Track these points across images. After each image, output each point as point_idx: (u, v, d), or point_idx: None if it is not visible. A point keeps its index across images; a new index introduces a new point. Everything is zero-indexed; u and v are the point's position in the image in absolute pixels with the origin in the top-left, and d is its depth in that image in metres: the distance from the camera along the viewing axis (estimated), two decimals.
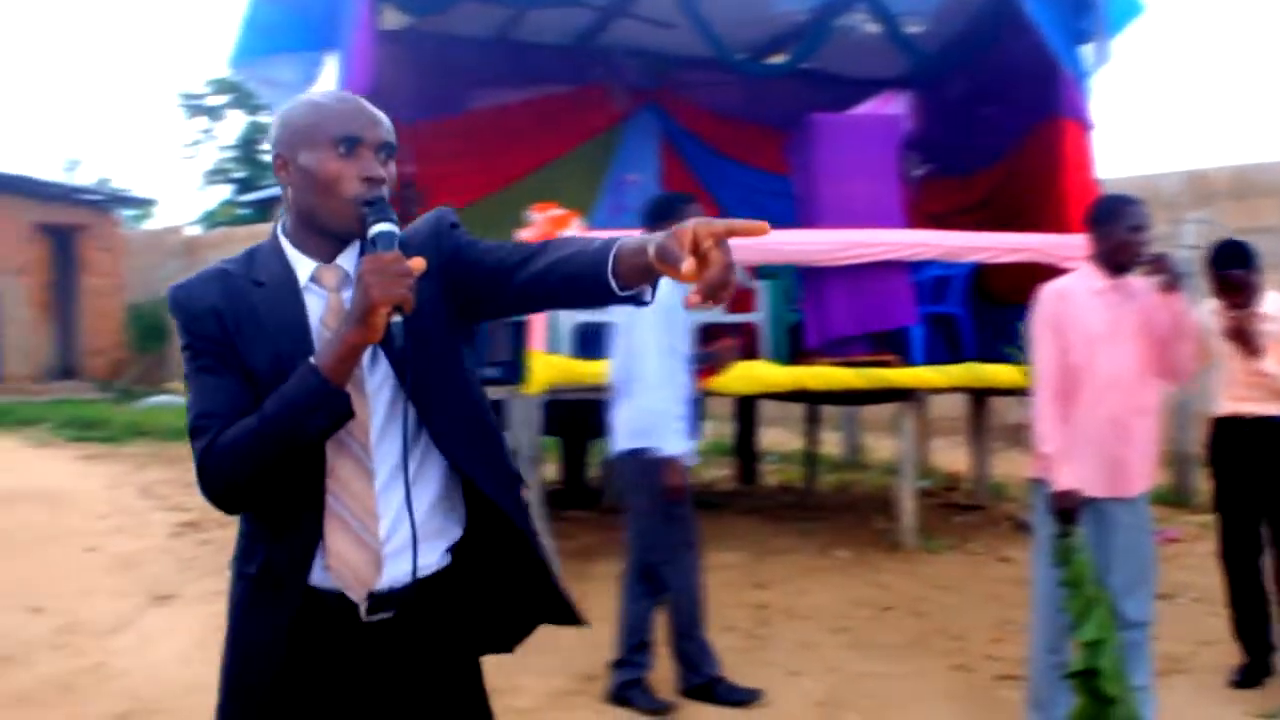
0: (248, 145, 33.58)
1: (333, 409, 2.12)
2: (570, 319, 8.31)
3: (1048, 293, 4.63)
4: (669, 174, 11.10)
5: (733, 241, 1.85)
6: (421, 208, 8.50)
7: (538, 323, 7.31)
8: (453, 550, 2.36)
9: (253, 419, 2.13)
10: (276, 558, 2.24)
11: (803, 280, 8.45)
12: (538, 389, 7.20)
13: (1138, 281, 4.54)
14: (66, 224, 22.10)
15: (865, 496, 10.45)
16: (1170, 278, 4.44)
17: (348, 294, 2.22)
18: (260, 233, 23.45)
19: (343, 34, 7.73)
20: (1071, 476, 4.43)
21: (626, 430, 5.25)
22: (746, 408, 10.98)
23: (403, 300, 2.05)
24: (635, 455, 5.20)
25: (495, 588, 2.41)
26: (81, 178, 32.06)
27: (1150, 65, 52.31)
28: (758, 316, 8.79)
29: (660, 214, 5.02)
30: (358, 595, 2.24)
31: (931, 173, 10.25)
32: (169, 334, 22.92)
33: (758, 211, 10.22)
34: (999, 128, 9.37)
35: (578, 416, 8.64)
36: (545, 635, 2.57)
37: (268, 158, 34.46)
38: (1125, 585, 4.57)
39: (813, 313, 8.32)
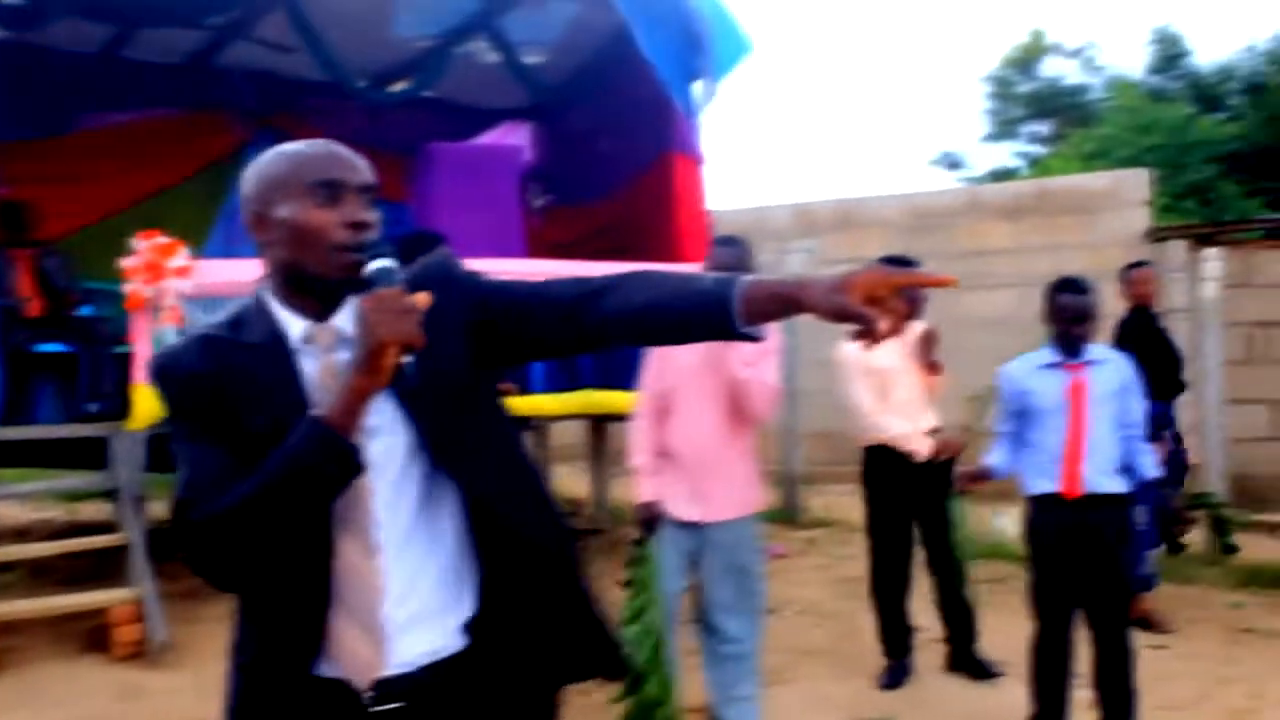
0: None
1: (344, 461, 1.95)
2: None
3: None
4: None
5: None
6: (28, 232, 8.01)
7: (142, 355, 6.98)
8: (470, 628, 2.16)
9: (251, 480, 1.96)
10: (276, 645, 2.09)
11: None
12: (142, 424, 6.88)
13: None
14: None
15: None
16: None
17: (344, 356, 2.05)
18: None
19: None
20: (651, 489, 4.63)
21: None
22: None
23: (411, 338, 1.91)
24: None
25: (525, 659, 2.19)
26: None
27: (759, 102, 54.96)
28: None
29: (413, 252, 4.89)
30: (362, 685, 2.07)
31: (552, 203, 10.39)
32: None
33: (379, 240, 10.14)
34: (616, 160, 9.59)
35: None
36: None
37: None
38: (725, 602, 4.77)
39: None
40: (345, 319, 2.10)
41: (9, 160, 9.11)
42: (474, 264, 6.91)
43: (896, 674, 6.06)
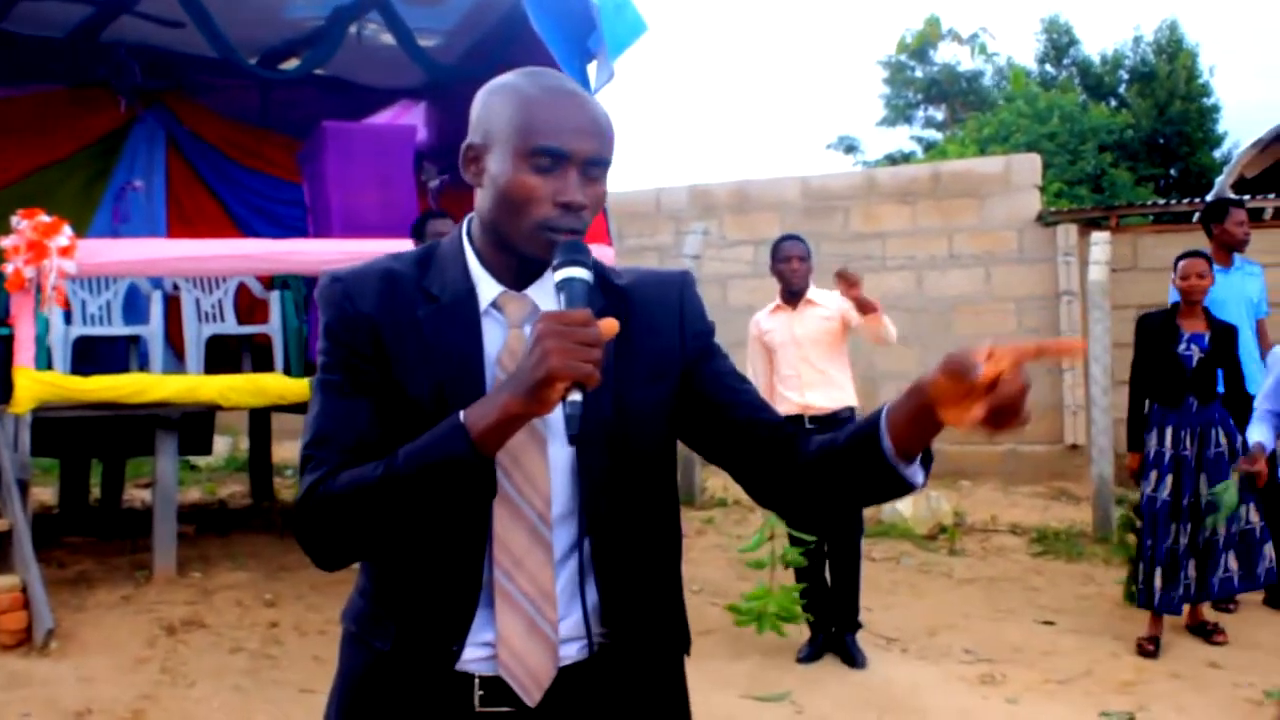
0: None
1: (473, 482, 1.69)
2: (68, 332, 7.83)
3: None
4: (176, 180, 10.57)
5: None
6: None
7: (24, 337, 6.81)
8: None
9: (377, 468, 1.72)
10: (418, 633, 1.84)
11: (312, 290, 8.29)
12: (24, 408, 6.71)
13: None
14: None
15: None
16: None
17: (529, 329, 1.81)
18: None
19: None
20: None
21: None
22: (260, 422, 10.68)
23: (586, 377, 1.60)
24: None
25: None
26: None
27: (656, 83, 55.03)
28: (271, 328, 8.56)
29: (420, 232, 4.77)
30: (529, 692, 1.83)
31: (447, 183, 10.30)
32: None
33: (270, 220, 9.99)
34: None
35: (78, 435, 8.15)
36: None
37: None
38: None
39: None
40: (543, 291, 1.85)
41: None
42: (367, 244, 6.78)
43: (817, 646, 6.14)
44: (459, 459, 1.67)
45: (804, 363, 6.17)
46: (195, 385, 7.30)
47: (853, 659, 6.04)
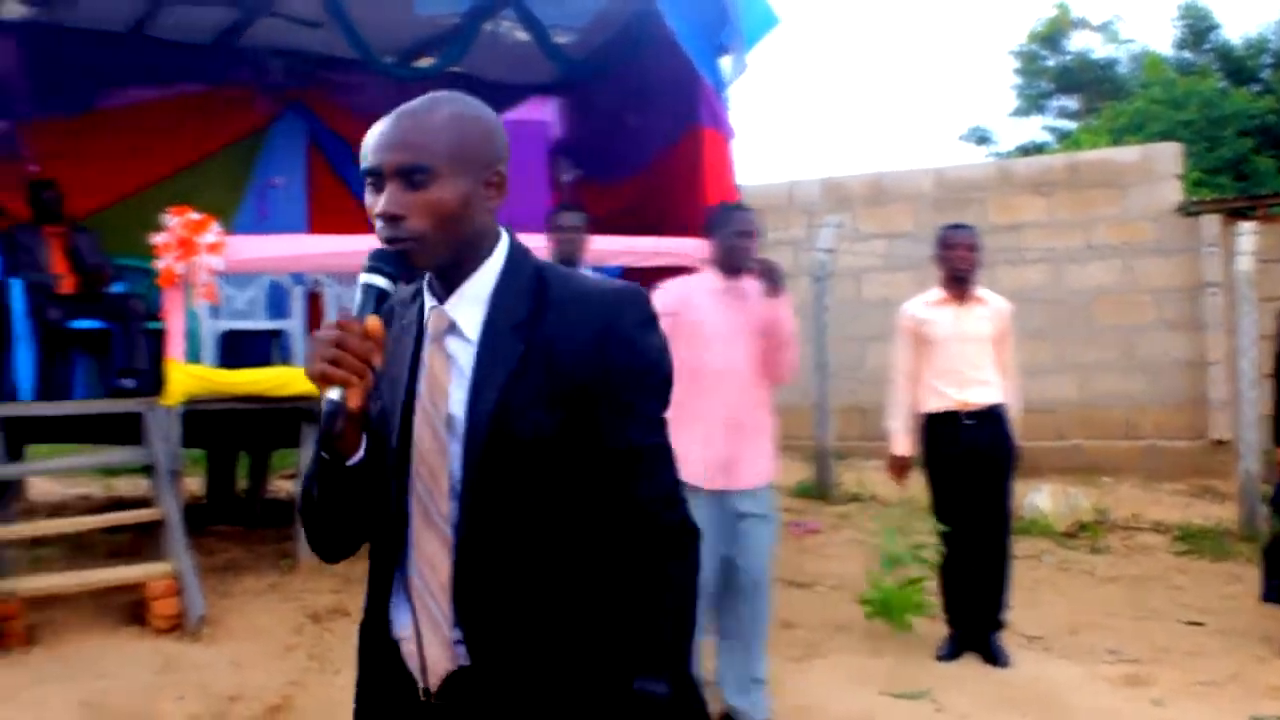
0: None
1: (339, 479, 1.89)
2: (215, 327, 8.02)
3: (668, 289, 4.78)
4: (316, 178, 10.84)
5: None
6: (59, 210, 8.06)
7: (175, 331, 7.00)
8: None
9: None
10: (369, 619, 2.03)
11: None
12: (176, 400, 6.90)
13: (751, 284, 4.74)
14: None
15: None
16: (772, 282, 4.69)
17: (451, 343, 1.92)
18: None
19: None
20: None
21: None
22: None
23: (325, 377, 1.76)
24: None
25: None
26: None
27: (788, 76, 54.72)
28: None
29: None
30: (427, 680, 1.95)
31: (581, 178, 10.36)
32: None
33: None
34: (645, 135, 9.54)
35: (225, 428, 8.35)
36: None
37: None
38: (756, 577, 4.80)
39: None
40: (462, 300, 1.93)
41: (37, 138, 9.17)
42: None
43: (956, 644, 6.06)
44: (320, 458, 1.88)
45: (966, 359, 5.99)
46: None
47: (995, 657, 5.94)
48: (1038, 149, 25.90)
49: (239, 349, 8.34)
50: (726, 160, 8.55)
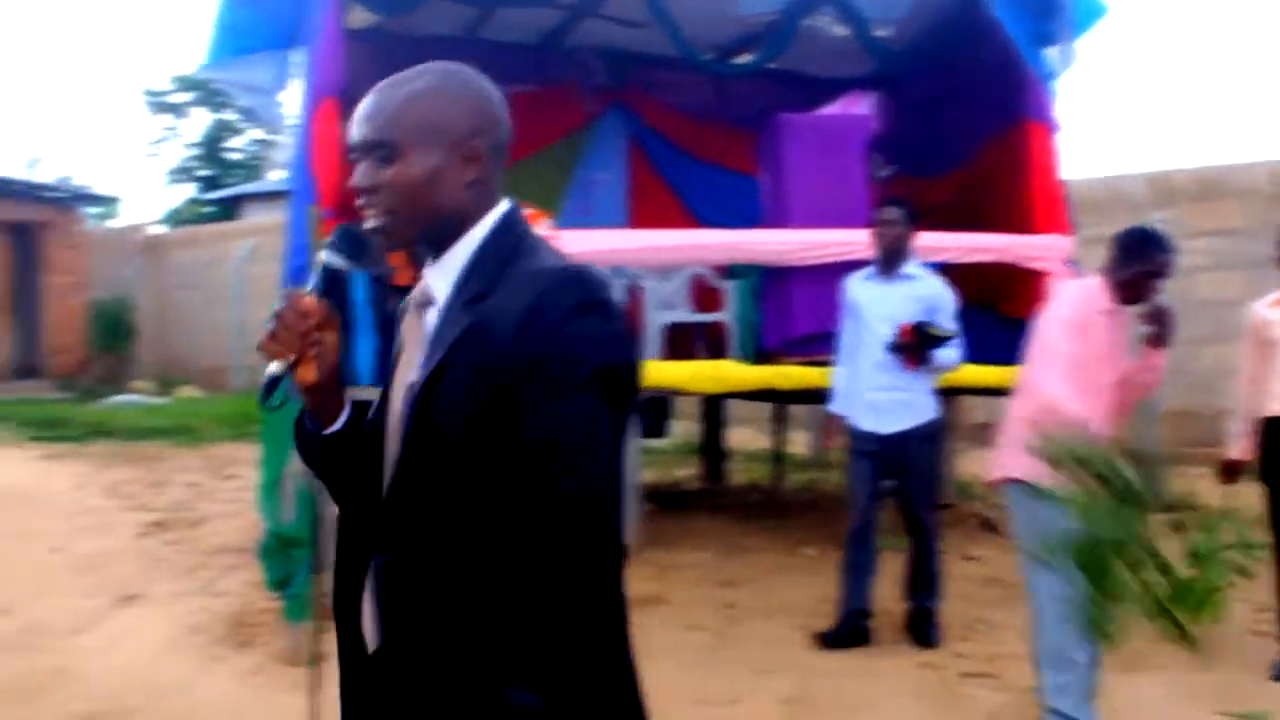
0: (212, 143, 33.43)
1: (314, 447, 2.03)
2: None
3: (1076, 290, 4.64)
4: (636, 174, 11.12)
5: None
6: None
7: None
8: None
9: None
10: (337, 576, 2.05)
11: (766, 280, 8.47)
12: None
13: (1130, 314, 4.55)
14: (28, 221, 21.89)
15: (831, 495, 10.45)
16: (1161, 333, 4.44)
17: (430, 314, 1.90)
18: (226, 232, 23.09)
19: (310, 33, 7.68)
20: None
21: None
22: (713, 407, 10.98)
23: (265, 349, 1.89)
24: None
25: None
26: (43, 175, 31.73)
27: (1114, 67, 52.66)
28: (725, 316, 8.79)
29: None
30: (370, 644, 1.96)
31: (898, 173, 10.27)
32: (132, 332, 22.70)
33: (725, 211, 10.25)
34: (965, 129, 9.39)
35: None
36: None
37: (234, 155, 34.34)
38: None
39: (774, 312, 8.36)
40: (435, 274, 1.91)
41: None
42: (822, 234, 6.84)
43: None
44: (298, 425, 2.03)
45: None
46: (659, 371, 7.59)
47: None
48: None
49: None
50: (1052, 154, 8.32)
